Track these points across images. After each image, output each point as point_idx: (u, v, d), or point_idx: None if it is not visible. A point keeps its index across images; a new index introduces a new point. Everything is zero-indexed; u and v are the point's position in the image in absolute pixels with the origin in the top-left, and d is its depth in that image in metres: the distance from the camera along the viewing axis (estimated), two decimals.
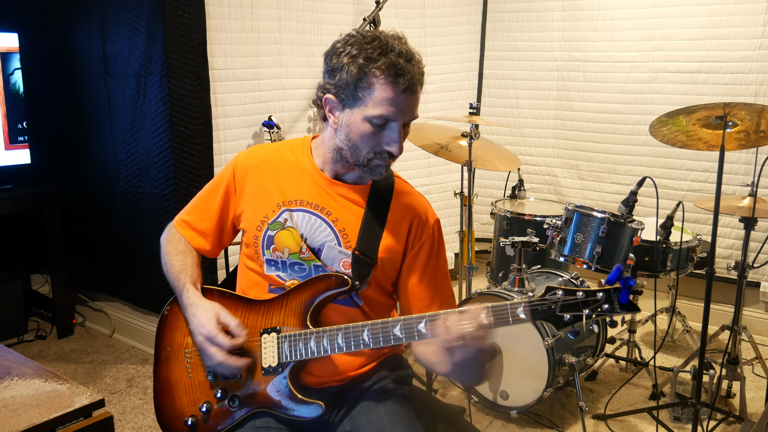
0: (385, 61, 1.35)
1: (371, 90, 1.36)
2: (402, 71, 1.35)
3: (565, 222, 2.70)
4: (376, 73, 1.35)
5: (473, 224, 3.14)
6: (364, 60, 1.35)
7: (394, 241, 1.52)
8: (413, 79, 1.37)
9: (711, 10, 3.34)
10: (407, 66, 1.36)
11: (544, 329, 2.47)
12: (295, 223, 1.51)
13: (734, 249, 3.41)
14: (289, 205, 1.51)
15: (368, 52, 1.35)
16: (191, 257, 1.59)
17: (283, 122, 3.17)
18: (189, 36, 2.79)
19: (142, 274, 3.12)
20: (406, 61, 1.37)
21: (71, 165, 3.39)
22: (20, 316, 3.43)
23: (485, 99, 4.17)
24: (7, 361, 1.49)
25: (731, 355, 2.71)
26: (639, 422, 2.65)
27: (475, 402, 2.71)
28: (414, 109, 1.42)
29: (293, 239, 1.50)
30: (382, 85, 1.36)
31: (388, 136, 1.40)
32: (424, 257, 1.54)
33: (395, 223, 1.52)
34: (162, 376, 1.54)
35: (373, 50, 1.35)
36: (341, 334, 1.40)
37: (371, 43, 1.36)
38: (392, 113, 1.37)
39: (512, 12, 4.02)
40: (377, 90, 1.36)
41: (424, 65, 1.44)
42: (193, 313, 1.47)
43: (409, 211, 1.55)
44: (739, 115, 2.27)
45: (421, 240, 1.54)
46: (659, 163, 3.58)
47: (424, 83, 1.43)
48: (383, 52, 1.36)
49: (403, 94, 1.37)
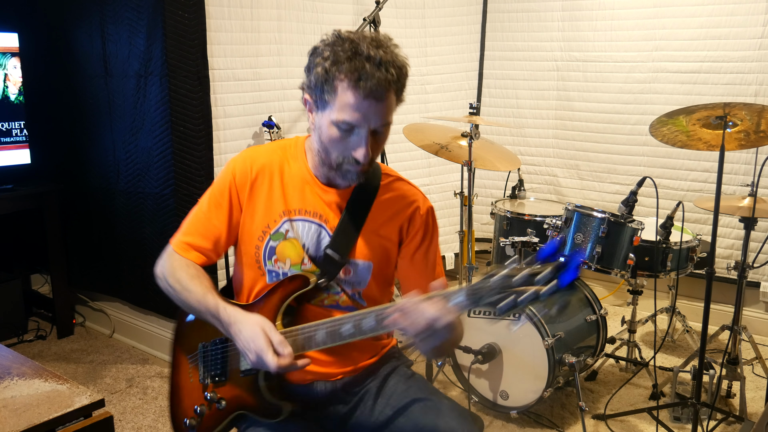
0: (349, 66, 1.30)
1: (335, 94, 1.33)
2: (366, 76, 1.29)
3: (565, 222, 2.70)
4: (340, 76, 1.31)
5: (473, 224, 3.14)
6: (332, 63, 1.32)
7: (381, 239, 1.51)
8: (379, 85, 1.30)
9: (711, 10, 3.33)
10: (374, 71, 1.29)
11: (544, 329, 2.47)
12: (297, 233, 1.49)
13: (734, 249, 3.41)
14: (290, 214, 1.49)
15: (337, 55, 1.31)
16: (207, 279, 1.51)
17: (283, 122, 3.17)
18: (189, 36, 2.79)
19: (142, 274, 3.12)
20: (375, 65, 1.29)
21: (71, 165, 3.39)
22: (20, 316, 3.43)
23: (485, 99, 4.17)
24: (7, 361, 1.49)
25: (731, 355, 2.71)
26: (639, 422, 2.65)
27: (475, 402, 2.71)
28: (383, 116, 1.35)
29: (295, 250, 1.49)
30: (345, 90, 1.31)
31: (354, 142, 1.36)
32: (415, 246, 1.55)
33: (381, 222, 1.52)
34: (173, 381, 1.61)
35: (342, 53, 1.31)
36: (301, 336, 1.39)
37: (342, 45, 1.32)
38: (356, 119, 1.33)
39: (512, 12, 4.02)
40: (340, 94, 1.32)
41: (405, 70, 1.36)
42: (239, 330, 1.39)
43: (397, 208, 1.54)
44: (739, 115, 2.27)
45: (413, 231, 1.54)
46: (659, 163, 3.58)
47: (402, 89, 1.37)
48: (351, 55, 1.30)
49: (365, 100, 1.31)
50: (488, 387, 2.66)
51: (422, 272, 1.56)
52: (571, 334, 2.63)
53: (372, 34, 1.39)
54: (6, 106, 3.14)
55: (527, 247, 2.65)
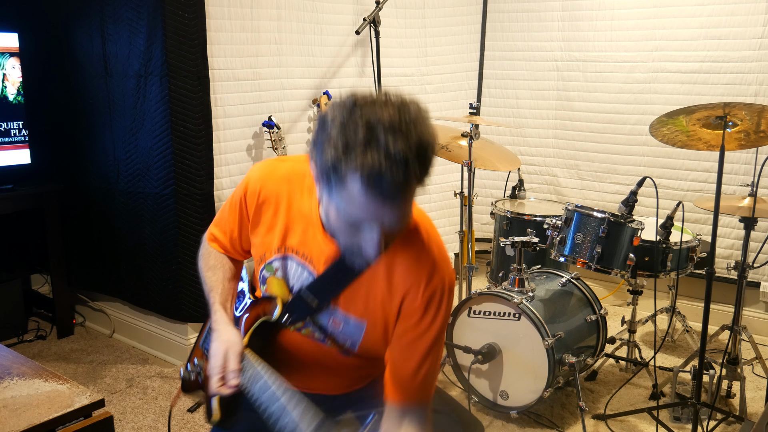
0: (363, 159, 1.08)
1: (345, 185, 1.11)
2: (381, 177, 1.08)
3: (565, 222, 2.70)
4: (351, 166, 1.09)
5: (473, 224, 3.15)
6: (342, 149, 1.09)
7: (379, 302, 1.34)
8: (397, 187, 1.09)
9: (711, 10, 3.33)
10: (392, 170, 1.08)
11: (544, 329, 2.47)
12: (286, 274, 1.42)
13: (734, 249, 3.41)
14: (286, 251, 1.41)
15: (349, 139, 1.09)
16: (222, 271, 1.52)
17: (283, 122, 3.17)
18: (189, 36, 2.79)
19: (142, 274, 3.12)
20: (394, 162, 1.08)
21: (71, 165, 3.39)
22: (20, 316, 3.43)
23: (485, 99, 4.17)
24: (7, 361, 1.49)
25: (731, 355, 2.71)
26: (639, 422, 2.65)
27: (475, 402, 2.71)
28: (399, 216, 1.16)
29: (281, 290, 1.44)
30: (355, 184, 1.10)
31: (364, 238, 1.19)
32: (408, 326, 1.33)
33: (383, 282, 1.33)
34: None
35: (355, 136, 1.08)
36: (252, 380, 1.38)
37: (356, 125, 1.09)
38: (366, 217, 1.15)
39: (512, 12, 4.02)
40: (350, 187, 1.11)
41: (431, 155, 1.14)
42: (213, 338, 1.43)
43: (404, 272, 1.31)
44: (739, 115, 2.27)
45: (412, 307, 1.32)
46: (659, 163, 3.58)
47: (426, 175, 1.14)
48: (365, 144, 1.08)
49: (379, 200, 1.11)
50: (488, 387, 2.66)
51: (404, 361, 1.34)
52: (571, 334, 2.63)
53: (394, 101, 1.13)
54: (4, 106, 3.14)
55: (527, 247, 2.65)
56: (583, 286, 2.82)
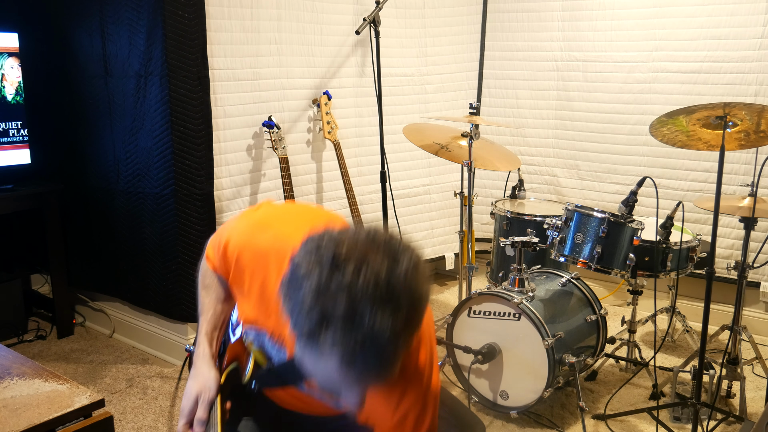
0: (342, 341, 0.94)
1: (320, 357, 0.97)
2: (363, 358, 0.94)
3: (565, 222, 2.70)
4: (327, 341, 0.95)
5: (473, 224, 3.15)
6: (317, 322, 0.95)
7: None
8: (379, 364, 0.96)
9: (711, 10, 3.33)
10: (375, 350, 0.94)
11: (544, 329, 2.47)
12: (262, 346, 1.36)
13: (734, 249, 3.41)
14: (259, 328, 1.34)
15: (326, 308, 0.94)
16: (215, 293, 1.46)
17: (283, 122, 3.17)
18: (189, 36, 2.79)
19: (142, 274, 3.12)
20: (375, 350, 0.94)
21: (71, 165, 3.39)
22: (20, 316, 3.43)
23: (485, 99, 4.17)
24: (7, 361, 1.49)
25: (731, 355, 2.71)
26: (639, 422, 2.65)
27: (475, 402, 2.71)
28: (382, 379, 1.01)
29: (259, 355, 1.40)
30: (333, 363, 0.96)
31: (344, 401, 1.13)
32: None
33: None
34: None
35: (332, 310, 0.93)
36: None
37: (336, 292, 0.94)
38: (345, 387, 1.06)
39: (512, 12, 4.02)
40: (326, 362, 0.97)
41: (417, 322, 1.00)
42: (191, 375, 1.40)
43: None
44: (739, 115, 2.27)
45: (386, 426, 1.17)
46: (659, 163, 3.58)
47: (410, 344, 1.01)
48: (346, 320, 0.93)
49: (355, 377, 0.98)
50: (488, 387, 2.66)
51: None
52: (571, 334, 2.63)
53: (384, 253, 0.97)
54: (3, 106, 3.14)
55: (527, 247, 2.65)
56: (583, 286, 2.82)
